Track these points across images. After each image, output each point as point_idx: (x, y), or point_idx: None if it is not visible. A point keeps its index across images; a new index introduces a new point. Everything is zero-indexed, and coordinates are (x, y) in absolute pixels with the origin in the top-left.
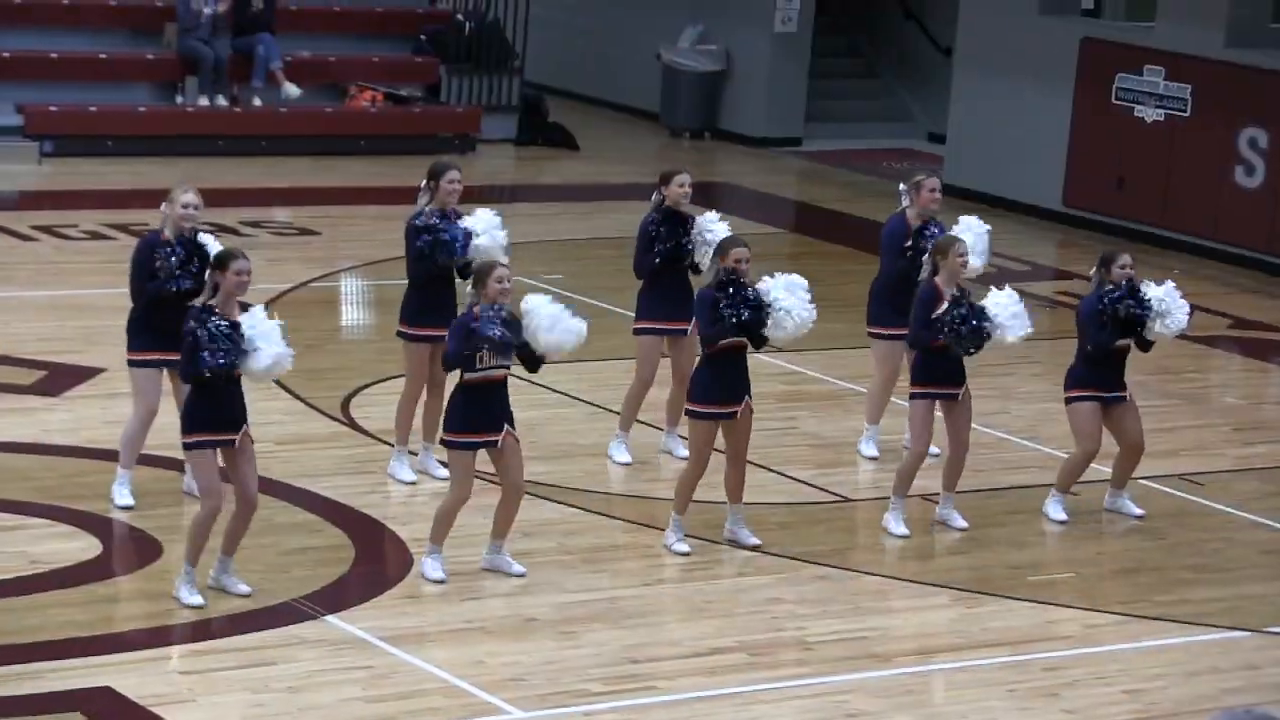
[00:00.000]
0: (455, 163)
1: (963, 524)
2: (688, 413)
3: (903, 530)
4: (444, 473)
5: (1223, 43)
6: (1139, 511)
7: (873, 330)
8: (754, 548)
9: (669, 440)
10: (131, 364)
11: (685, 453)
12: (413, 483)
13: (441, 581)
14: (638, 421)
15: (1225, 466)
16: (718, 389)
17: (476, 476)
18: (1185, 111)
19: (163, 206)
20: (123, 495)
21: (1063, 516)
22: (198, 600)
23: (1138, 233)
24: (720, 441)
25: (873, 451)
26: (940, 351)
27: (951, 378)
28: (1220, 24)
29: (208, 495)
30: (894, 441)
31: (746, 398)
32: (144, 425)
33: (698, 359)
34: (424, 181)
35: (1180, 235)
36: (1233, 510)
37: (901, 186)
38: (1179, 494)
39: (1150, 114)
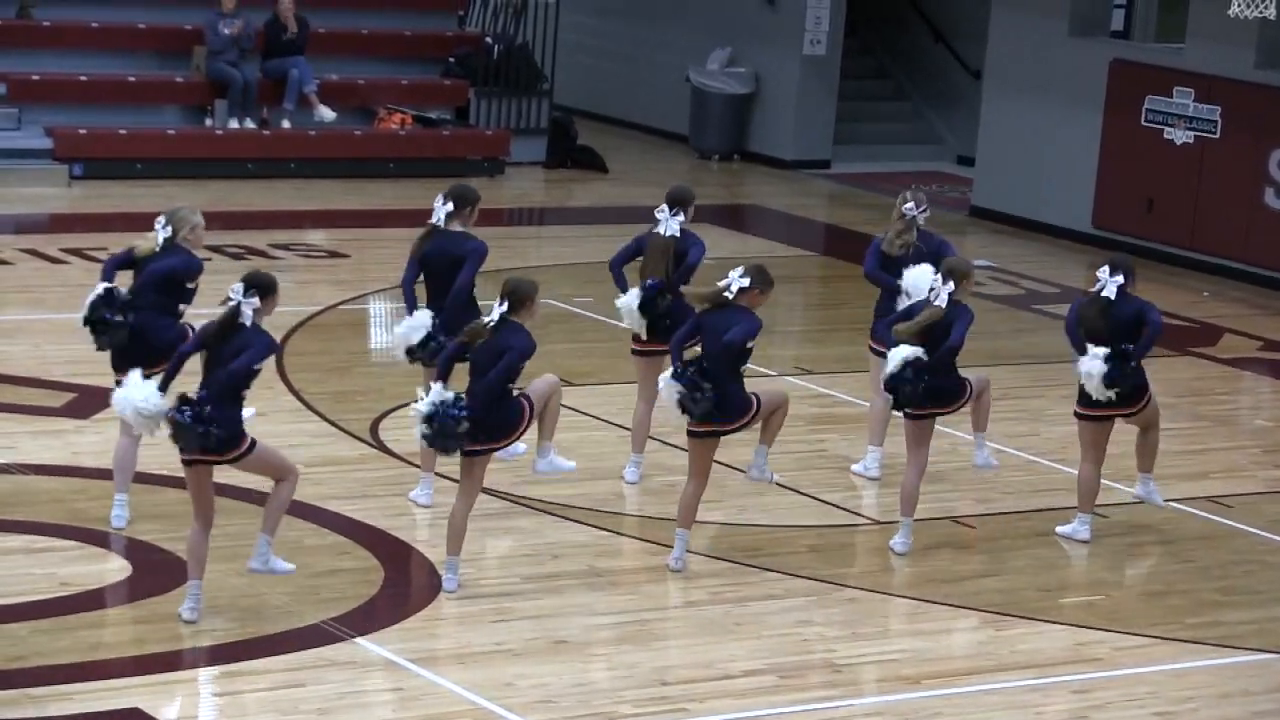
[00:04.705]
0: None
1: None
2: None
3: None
4: None
5: (1252, 64)
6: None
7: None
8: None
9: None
10: None
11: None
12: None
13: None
14: (667, 444)
15: (1255, 489)
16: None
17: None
18: (1215, 133)
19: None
20: None
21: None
22: (288, 566)
23: (1167, 255)
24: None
25: (875, 473)
26: None
27: None
28: (1250, 45)
29: (290, 468)
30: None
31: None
32: None
33: None
34: (453, 204)
35: (1210, 257)
36: (1263, 533)
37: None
38: (1208, 516)
39: (1180, 136)
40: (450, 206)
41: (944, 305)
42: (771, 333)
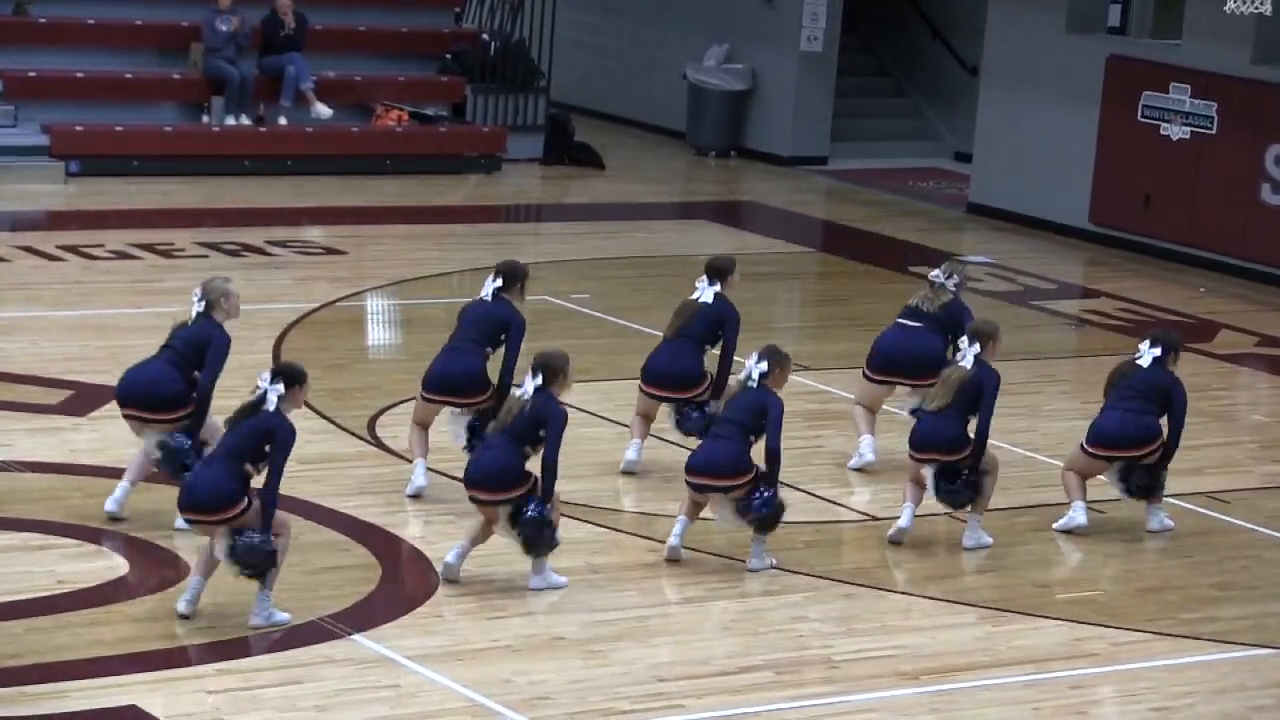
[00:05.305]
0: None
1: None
2: None
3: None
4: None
5: (1249, 60)
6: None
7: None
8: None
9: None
10: None
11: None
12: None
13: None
14: (665, 441)
15: (1252, 484)
16: None
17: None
18: (1211, 129)
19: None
20: None
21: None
22: (284, 616)
23: (1164, 250)
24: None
25: (870, 456)
26: None
27: None
28: (1246, 41)
29: (283, 526)
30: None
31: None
32: None
33: None
34: (502, 280)
35: (1207, 253)
36: (1259, 528)
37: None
38: (1206, 512)
39: (1176, 132)
40: (499, 283)
41: (970, 366)
42: (769, 329)
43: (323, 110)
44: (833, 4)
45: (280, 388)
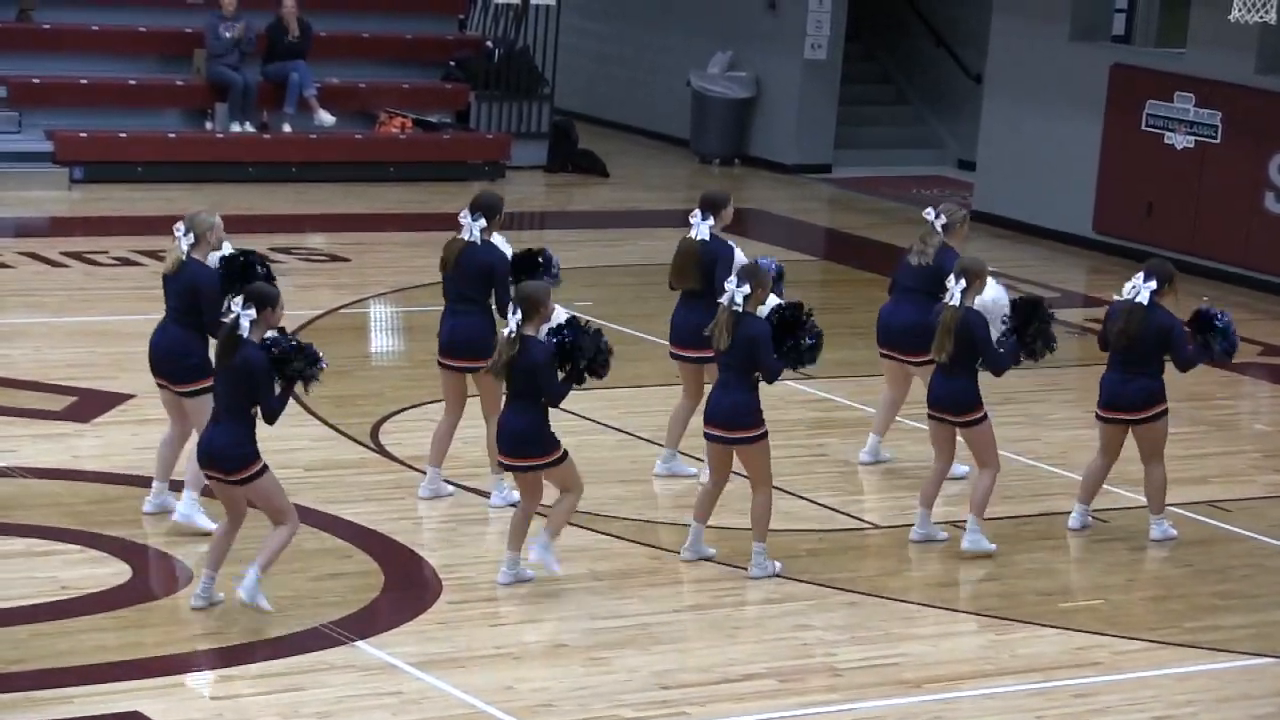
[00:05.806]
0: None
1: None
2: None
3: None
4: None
5: (1253, 69)
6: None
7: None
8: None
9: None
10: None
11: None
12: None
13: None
14: (658, 446)
15: (1254, 493)
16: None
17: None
18: (1215, 138)
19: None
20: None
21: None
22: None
23: (1167, 259)
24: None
25: (866, 459)
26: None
27: None
28: (1250, 50)
29: (290, 513)
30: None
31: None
32: None
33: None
34: (481, 216)
35: (1210, 262)
36: (1262, 537)
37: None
38: (1208, 521)
39: (1180, 140)
40: (482, 222)
41: (958, 304)
42: None
43: (326, 117)
44: (836, 11)
45: (252, 312)
